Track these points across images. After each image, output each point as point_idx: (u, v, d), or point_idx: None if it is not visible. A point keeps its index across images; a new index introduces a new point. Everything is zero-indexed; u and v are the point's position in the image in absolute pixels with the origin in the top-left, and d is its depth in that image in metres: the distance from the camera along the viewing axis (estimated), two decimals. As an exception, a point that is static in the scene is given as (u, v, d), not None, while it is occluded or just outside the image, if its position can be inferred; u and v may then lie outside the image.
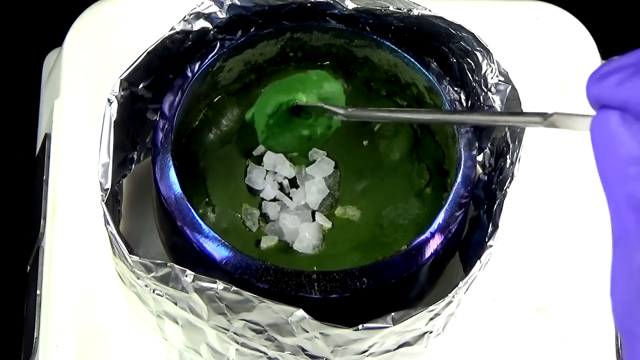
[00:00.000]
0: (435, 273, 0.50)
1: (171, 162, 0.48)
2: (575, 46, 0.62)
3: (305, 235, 0.51)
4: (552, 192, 0.59)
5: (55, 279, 0.55)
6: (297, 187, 0.53)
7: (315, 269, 0.49)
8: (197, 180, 0.52)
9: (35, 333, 0.55)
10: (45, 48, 0.68)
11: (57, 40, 0.63)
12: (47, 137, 0.60)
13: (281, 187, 0.53)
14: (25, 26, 0.76)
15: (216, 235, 0.46)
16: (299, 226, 0.51)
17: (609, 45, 0.67)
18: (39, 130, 0.64)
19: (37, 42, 0.73)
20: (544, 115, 0.34)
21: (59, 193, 0.57)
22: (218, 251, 0.46)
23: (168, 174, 0.48)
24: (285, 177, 0.53)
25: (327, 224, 0.52)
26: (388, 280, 0.46)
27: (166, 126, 0.49)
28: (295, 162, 0.54)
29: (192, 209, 0.47)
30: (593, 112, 0.29)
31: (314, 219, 0.52)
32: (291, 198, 0.52)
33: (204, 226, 0.46)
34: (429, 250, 0.47)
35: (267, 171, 0.53)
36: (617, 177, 0.28)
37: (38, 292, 0.56)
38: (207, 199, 0.52)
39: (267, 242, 0.51)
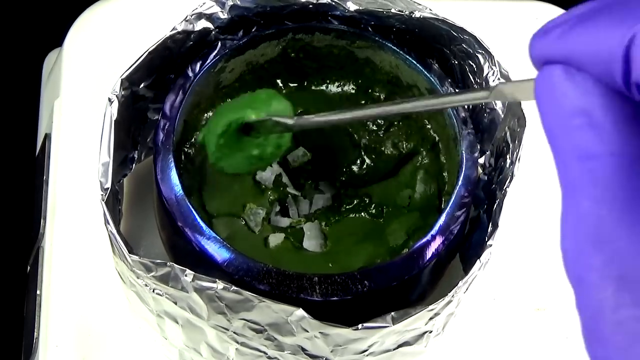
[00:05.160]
0: (436, 274, 0.50)
1: (173, 163, 0.48)
2: (575, 46, 0.62)
3: (309, 234, 0.51)
4: (552, 191, 0.59)
5: (55, 279, 0.55)
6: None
7: (330, 265, 0.50)
8: (199, 181, 0.52)
9: (35, 333, 0.55)
10: (45, 48, 0.68)
11: (57, 40, 0.63)
12: (47, 137, 0.60)
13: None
14: (25, 26, 0.76)
15: (217, 237, 0.46)
16: (303, 226, 0.52)
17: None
18: (39, 130, 0.64)
19: (37, 42, 0.73)
20: (488, 89, 0.35)
21: (59, 193, 0.57)
22: (219, 253, 0.46)
23: (169, 174, 0.48)
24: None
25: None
26: (389, 283, 0.46)
27: (167, 126, 0.49)
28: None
29: (193, 211, 0.47)
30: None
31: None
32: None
33: (205, 228, 0.46)
34: (431, 252, 0.47)
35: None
36: (563, 130, 0.28)
37: (38, 292, 0.56)
38: (209, 201, 0.52)
39: (274, 241, 0.51)
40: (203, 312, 0.44)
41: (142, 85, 0.51)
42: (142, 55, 0.49)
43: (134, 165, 0.52)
